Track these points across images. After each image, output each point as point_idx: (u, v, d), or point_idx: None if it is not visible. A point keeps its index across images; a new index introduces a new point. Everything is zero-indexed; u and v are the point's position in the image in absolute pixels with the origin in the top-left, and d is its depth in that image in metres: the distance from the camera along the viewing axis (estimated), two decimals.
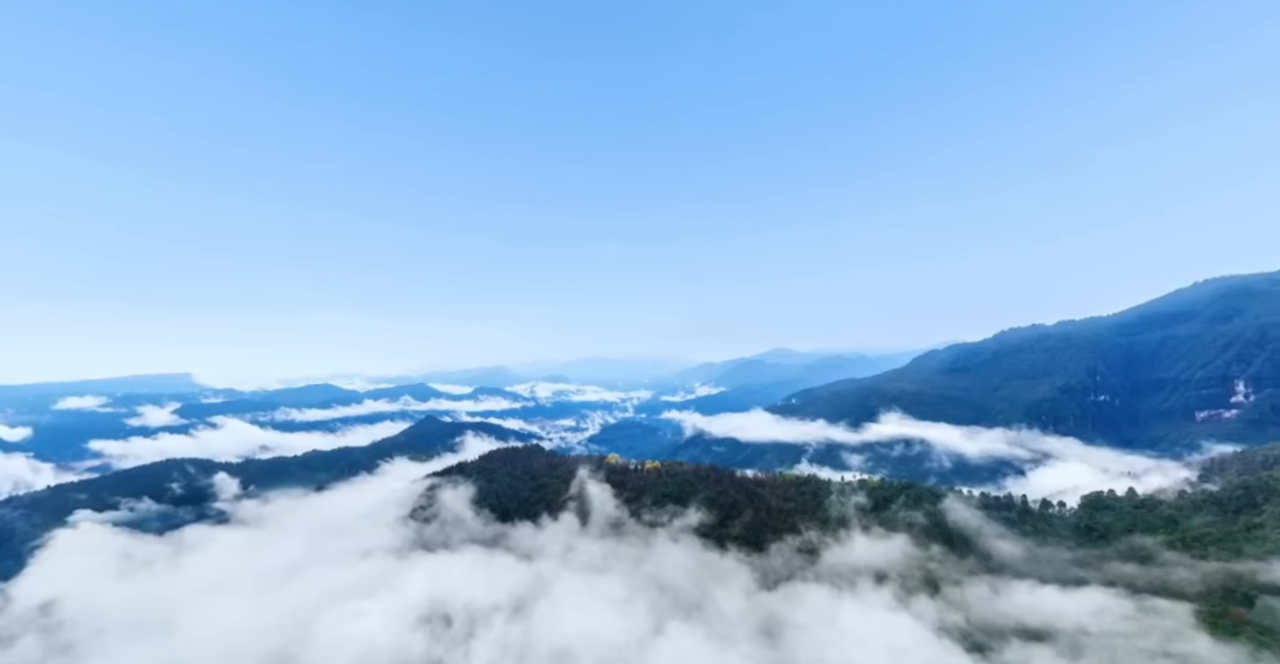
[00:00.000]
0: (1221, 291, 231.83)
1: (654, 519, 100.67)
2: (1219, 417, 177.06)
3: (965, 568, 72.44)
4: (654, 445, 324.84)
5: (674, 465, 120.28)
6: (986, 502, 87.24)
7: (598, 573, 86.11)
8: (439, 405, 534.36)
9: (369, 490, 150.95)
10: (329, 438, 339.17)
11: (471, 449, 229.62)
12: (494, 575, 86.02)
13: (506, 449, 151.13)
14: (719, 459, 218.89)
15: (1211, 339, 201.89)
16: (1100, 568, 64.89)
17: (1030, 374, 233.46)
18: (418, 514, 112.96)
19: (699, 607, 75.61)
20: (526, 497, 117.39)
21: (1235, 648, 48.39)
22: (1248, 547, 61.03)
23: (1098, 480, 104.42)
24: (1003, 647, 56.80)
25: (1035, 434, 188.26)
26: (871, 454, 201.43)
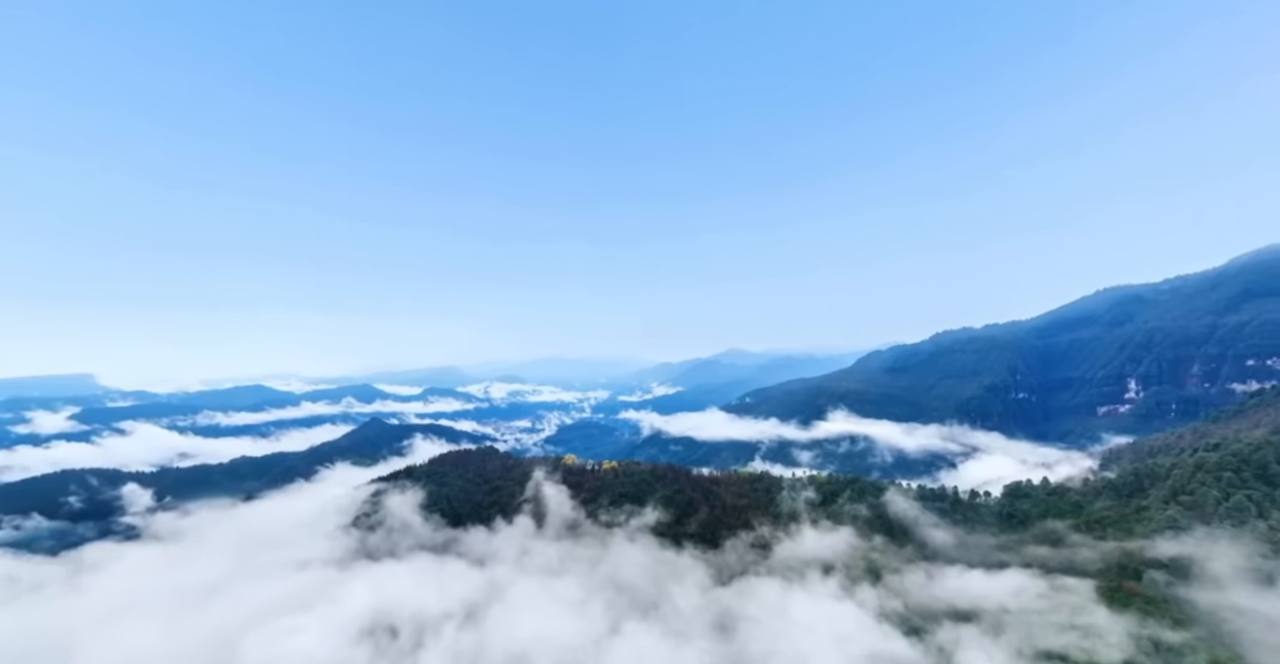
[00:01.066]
0: (1117, 299, 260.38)
1: (611, 519, 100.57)
2: (1115, 411, 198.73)
3: (904, 556, 77.22)
4: (611, 445, 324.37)
5: (631, 465, 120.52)
6: (923, 493, 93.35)
7: (554, 575, 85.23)
8: (385, 407, 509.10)
9: (306, 498, 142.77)
10: (260, 443, 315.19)
11: (421, 452, 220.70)
12: (444, 582, 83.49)
13: (458, 452, 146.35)
14: (676, 458, 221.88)
15: (1109, 342, 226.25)
16: (1019, 551, 71.19)
17: (961, 373, 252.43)
18: (361, 522, 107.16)
19: (655, 605, 76.19)
20: (479, 500, 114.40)
21: (1127, 618, 54.54)
22: (1137, 527, 68.87)
23: (1017, 471, 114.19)
24: (936, 629, 61.02)
25: (965, 429, 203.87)
26: (820, 451, 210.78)
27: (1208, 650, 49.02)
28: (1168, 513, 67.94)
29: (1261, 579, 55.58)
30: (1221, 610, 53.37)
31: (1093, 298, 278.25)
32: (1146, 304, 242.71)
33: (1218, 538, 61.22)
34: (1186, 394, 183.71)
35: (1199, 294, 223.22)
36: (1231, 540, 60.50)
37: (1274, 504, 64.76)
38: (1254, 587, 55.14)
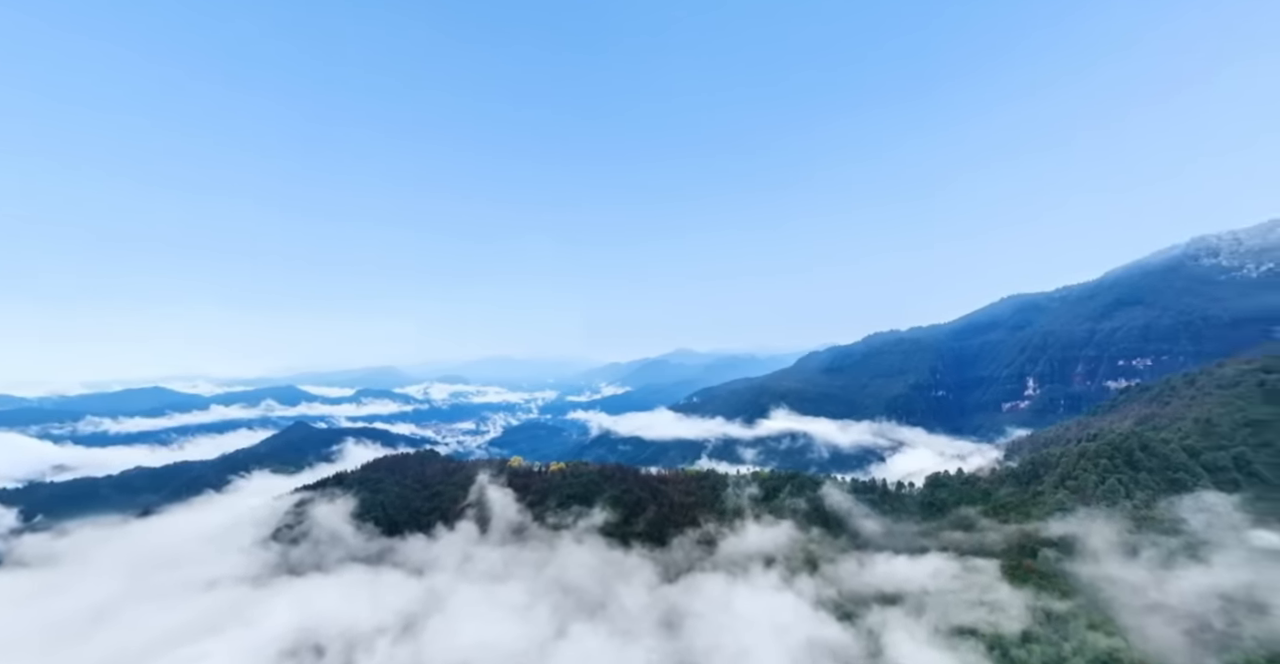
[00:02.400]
0: (1019, 306, 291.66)
1: (558, 521, 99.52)
2: (1017, 407, 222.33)
3: (839, 546, 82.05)
4: (559, 446, 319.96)
5: (579, 466, 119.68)
6: (856, 486, 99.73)
7: (498, 581, 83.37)
8: (313, 410, 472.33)
9: (217, 511, 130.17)
10: (160, 452, 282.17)
11: (353, 458, 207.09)
12: (378, 594, 79.24)
13: (395, 456, 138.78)
14: (625, 458, 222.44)
15: (1012, 344, 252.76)
16: (938, 537, 77.90)
17: (890, 373, 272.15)
18: (283, 534, 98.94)
19: (603, 605, 76.21)
20: (418, 507, 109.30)
21: (1025, 592, 61.19)
22: (1034, 510, 77.55)
23: (937, 463, 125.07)
24: (866, 613, 65.32)
25: (893, 425, 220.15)
26: (763, 448, 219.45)
27: (1087, 616, 55.97)
28: (1057, 497, 76.94)
29: (1128, 551, 64.30)
30: (1098, 580, 61.19)
31: (999, 304, 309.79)
32: (1042, 311, 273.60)
33: (1095, 517, 70.12)
34: (1073, 391, 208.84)
35: (1081, 302, 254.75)
36: (1106, 519, 69.50)
37: (1138, 486, 75.13)
38: (1122, 558, 63.69)
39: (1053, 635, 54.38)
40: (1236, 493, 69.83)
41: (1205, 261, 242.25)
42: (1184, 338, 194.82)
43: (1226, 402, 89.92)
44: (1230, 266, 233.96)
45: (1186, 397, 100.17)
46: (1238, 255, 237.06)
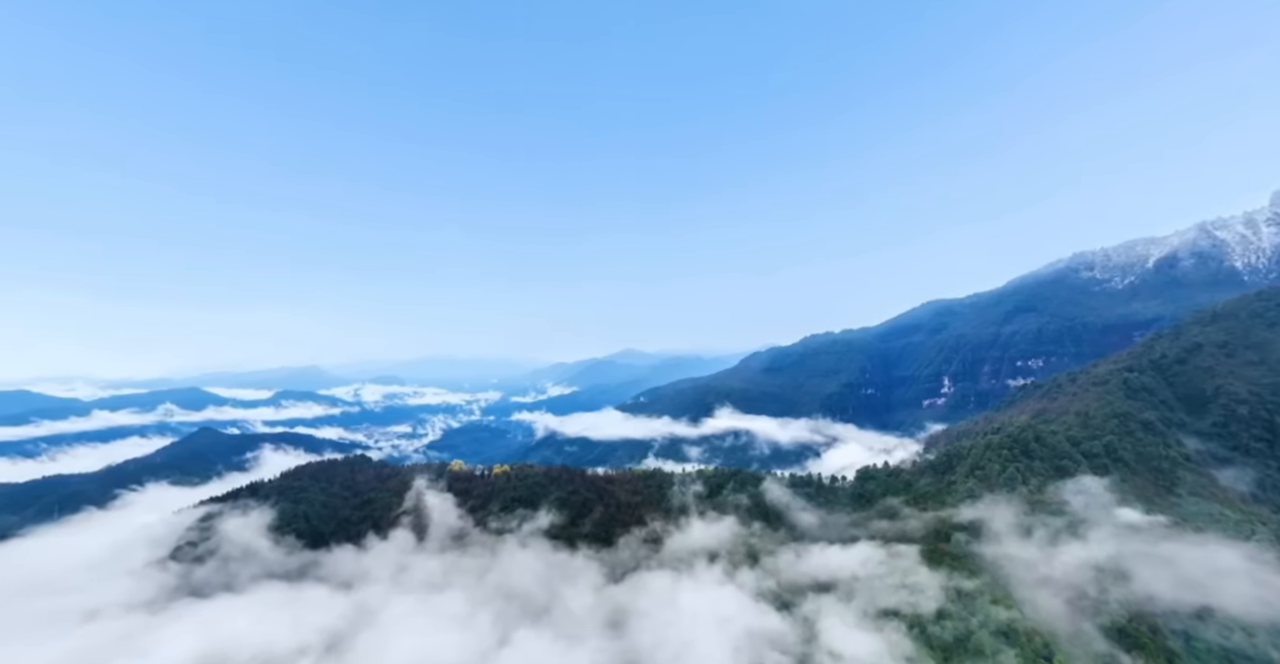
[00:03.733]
0: (936, 310, 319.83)
1: (502, 526, 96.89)
2: (935, 404, 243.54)
3: (778, 539, 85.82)
4: (503, 449, 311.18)
5: (524, 468, 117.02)
6: (794, 481, 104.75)
7: (435, 591, 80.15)
8: (222, 414, 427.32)
9: (99, 530, 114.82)
10: (24, 465, 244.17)
11: (270, 466, 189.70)
12: (300, 613, 73.56)
13: (320, 463, 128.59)
14: (571, 459, 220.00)
15: (931, 346, 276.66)
16: (866, 526, 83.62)
17: (825, 373, 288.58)
18: (184, 553, 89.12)
19: (547, 610, 75.29)
20: (347, 516, 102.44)
21: (940, 574, 67.17)
22: (948, 498, 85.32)
23: (867, 457, 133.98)
24: (802, 602, 68.88)
25: (828, 422, 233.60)
26: (708, 446, 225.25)
27: (990, 592, 62.37)
28: (967, 485, 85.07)
29: (1024, 532, 72.34)
30: (1000, 559, 68.34)
31: (920, 309, 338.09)
32: (956, 315, 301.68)
33: (998, 502, 78.25)
34: (981, 388, 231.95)
35: (988, 308, 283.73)
36: (1006, 504, 77.76)
37: (1033, 473, 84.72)
38: (1019, 538, 71.56)
39: (962, 612, 60.05)
40: (1107, 476, 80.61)
41: (1084, 274, 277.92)
42: (1068, 341, 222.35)
43: (1099, 397, 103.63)
44: (1103, 279, 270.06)
45: (1070, 393, 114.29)
46: (1108, 269, 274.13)
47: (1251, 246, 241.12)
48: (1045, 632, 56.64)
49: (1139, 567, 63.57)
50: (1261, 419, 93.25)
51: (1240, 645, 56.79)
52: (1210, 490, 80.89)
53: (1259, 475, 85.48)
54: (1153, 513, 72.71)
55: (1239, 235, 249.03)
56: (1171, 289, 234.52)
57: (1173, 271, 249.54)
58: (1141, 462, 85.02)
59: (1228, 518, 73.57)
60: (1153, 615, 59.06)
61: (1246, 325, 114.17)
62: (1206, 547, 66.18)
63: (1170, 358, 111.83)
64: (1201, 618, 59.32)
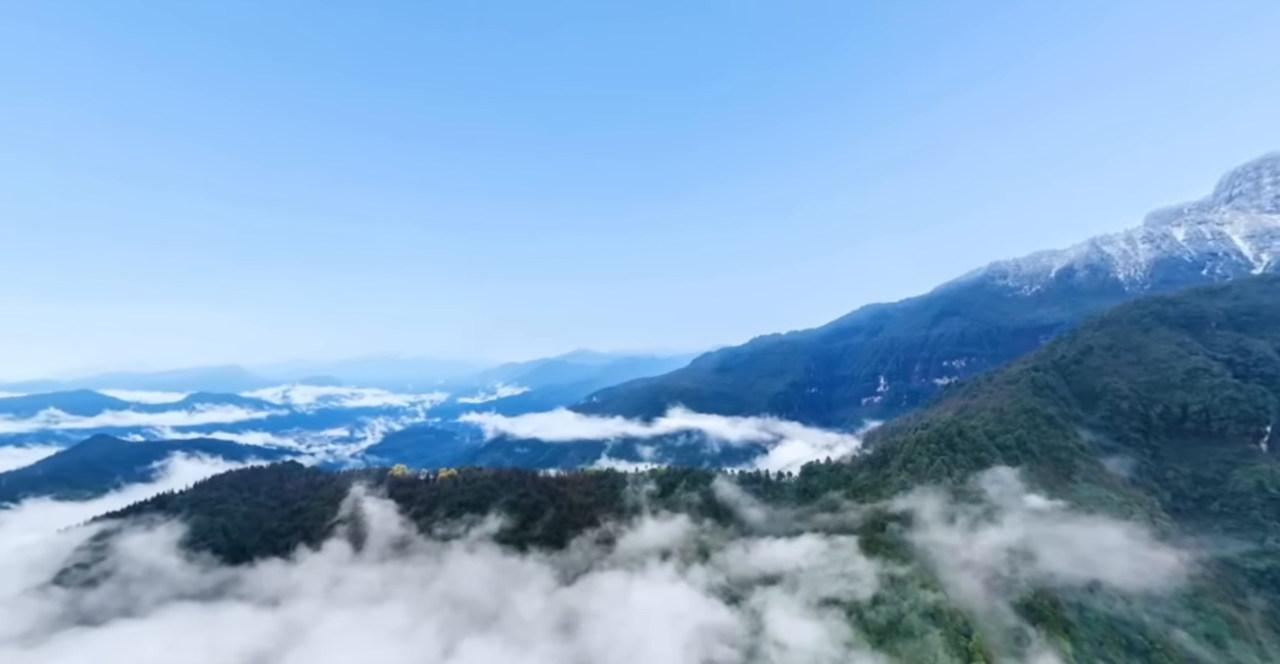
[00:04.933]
0: (874, 313, 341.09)
1: (448, 532, 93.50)
2: (872, 402, 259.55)
3: (728, 535, 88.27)
4: (450, 452, 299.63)
5: (472, 471, 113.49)
6: (743, 478, 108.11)
7: (374, 603, 76.28)
8: (122, 420, 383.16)
9: None
10: None
11: (182, 476, 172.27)
12: (216, 635, 67.80)
13: (242, 471, 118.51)
14: (522, 461, 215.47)
15: (869, 347, 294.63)
16: (810, 519, 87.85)
17: (773, 372, 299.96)
18: (72, 576, 79.56)
19: (497, 616, 73.77)
20: (274, 527, 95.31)
21: (875, 562, 71.75)
22: (883, 490, 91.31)
23: (811, 453, 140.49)
24: (750, 595, 71.30)
25: (775, 420, 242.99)
26: (660, 445, 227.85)
27: (919, 577, 67.34)
28: (900, 478, 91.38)
29: (948, 520, 78.73)
30: (928, 546, 73.97)
31: (859, 312, 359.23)
32: (890, 318, 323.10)
33: (927, 493, 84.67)
34: (913, 387, 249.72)
35: (918, 311, 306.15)
36: (934, 494, 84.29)
37: (956, 465, 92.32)
38: (944, 526, 77.80)
39: (895, 596, 64.47)
40: (1017, 466, 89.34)
41: (998, 282, 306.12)
42: (986, 343, 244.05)
43: (1011, 395, 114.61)
44: (1014, 287, 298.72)
45: (987, 391, 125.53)
46: (1018, 278, 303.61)
47: (1131, 260, 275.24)
48: (965, 611, 61.92)
49: (1043, 547, 71.02)
50: (1139, 413, 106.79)
51: (1121, 613, 64.85)
52: (1099, 476, 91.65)
53: (1137, 462, 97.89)
54: (1054, 498, 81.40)
55: (1121, 250, 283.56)
56: (1070, 297, 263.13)
57: (1070, 281, 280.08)
58: (1045, 452, 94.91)
59: (1112, 500, 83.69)
60: (1053, 590, 66.14)
61: (1127, 330, 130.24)
62: (1096, 527, 75.00)
63: (1068, 359, 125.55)
64: (1091, 590, 67.17)
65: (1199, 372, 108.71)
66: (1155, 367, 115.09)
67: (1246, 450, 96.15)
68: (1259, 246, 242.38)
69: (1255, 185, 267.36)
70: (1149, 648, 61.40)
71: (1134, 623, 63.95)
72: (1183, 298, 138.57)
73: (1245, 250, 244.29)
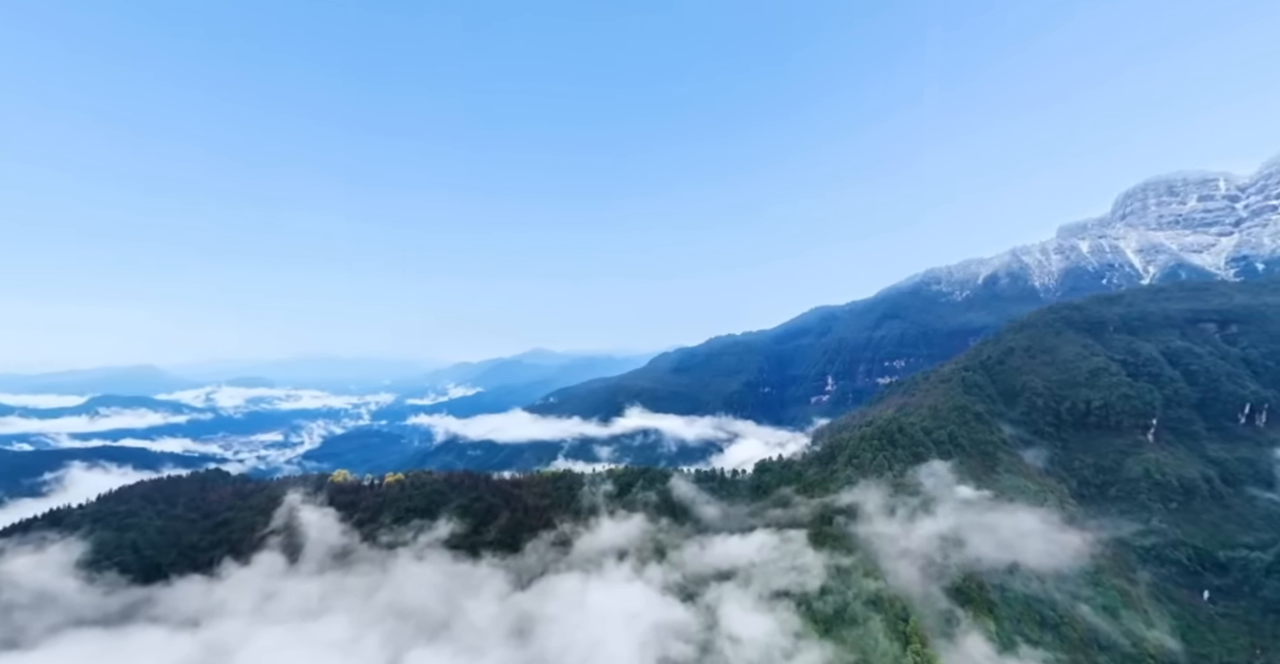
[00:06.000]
0: (822, 315, 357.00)
1: (394, 539, 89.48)
2: (821, 401, 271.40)
3: (684, 533, 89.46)
4: (397, 455, 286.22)
5: (421, 475, 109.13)
6: (699, 476, 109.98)
7: (312, 618, 72.06)
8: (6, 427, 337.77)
9: None
10: None
11: (82, 488, 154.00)
12: (124, 662, 61.01)
13: (156, 481, 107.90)
14: (475, 464, 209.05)
15: (818, 348, 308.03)
16: (763, 515, 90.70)
17: (728, 372, 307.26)
18: None
19: (447, 625, 71.42)
20: (194, 542, 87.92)
21: (823, 554, 75.10)
22: (831, 485, 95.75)
23: (764, 451, 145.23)
24: (705, 591, 72.65)
25: (730, 419, 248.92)
26: (618, 445, 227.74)
27: (863, 567, 71.10)
28: (846, 473, 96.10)
29: (889, 512, 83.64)
30: (870, 537, 78.26)
31: (808, 314, 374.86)
32: (838, 320, 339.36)
33: (870, 487, 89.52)
34: (858, 386, 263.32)
35: (863, 313, 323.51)
36: (876, 488, 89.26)
37: (896, 460, 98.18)
38: (885, 517, 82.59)
39: (840, 586, 67.73)
40: (950, 460, 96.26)
41: (933, 287, 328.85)
42: (923, 344, 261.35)
43: (944, 393, 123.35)
44: (947, 292, 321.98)
45: (924, 389, 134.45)
46: (951, 284, 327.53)
47: (1045, 269, 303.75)
48: (903, 597, 66.01)
49: (971, 534, 76.92)
50: (1051, 409, 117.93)
51: (1036, 591, 71.38)
52: (1019, 467, 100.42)
53: (1050, 453, 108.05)
54: (981, 489, 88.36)
55: (1037, 260, 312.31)
56: (994, 302, 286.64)
57: (995, 287, 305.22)
58: (974, 446, 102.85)
59: (1030, 489, 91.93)
60: (980, 574, 71.80)
61: (1042, 333, 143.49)
62: (1015, 514, 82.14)
63: (993, 360, 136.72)
64: (1011, 572, 73.50)
65: (1100, 371, 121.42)
66: (1064, 366, 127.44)
67: (1137, 441, 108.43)
68: (1146, 260, 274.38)
69: (1143, 205, 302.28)
70: (1059, 622, 67.96)
71: (1046, 600, 70.55)
72: (1087, 304, 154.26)
73: (1136, 263, 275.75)
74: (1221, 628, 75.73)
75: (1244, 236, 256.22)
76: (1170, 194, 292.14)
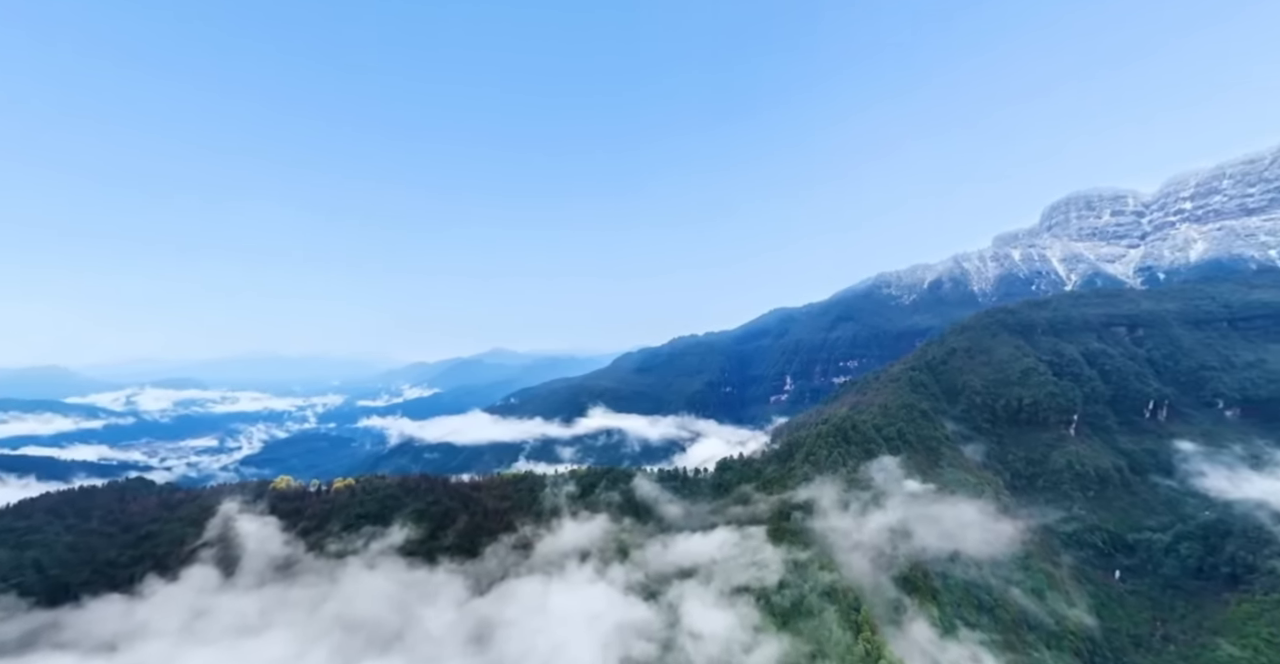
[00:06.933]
0: (781, 317, 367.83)
1: (344, 547, 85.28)
2: (779, 400, 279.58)
3: (647, 532, 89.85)
4: (347, 460, 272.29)
5: (373, 480, 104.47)
6: (662, 476, 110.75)
7: (250, 634, 67.62)
8: None
9: None
10: None
11: None
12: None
13: (66, 493, 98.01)
14: (432, 467, 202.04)
15: (777, 349, 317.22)
16: (725, 513, 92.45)
17: (690, 372, 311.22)
18: None
19: (400, 635, 68.75)
20: (112, 558, 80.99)
21: (782, 549, 77.39)
22: (789, 482, 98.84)
23: (725, 449, 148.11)
24: (668, 589, 73.21)
25: (692, 418, 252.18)
26: (581, 446, 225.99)
27: (819, 560, 73.80)
28: (804, 469, 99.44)
29: (843, 506, 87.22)
30: (826, 531, 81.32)
31: (768, 315, 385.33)
32: (795, 321, 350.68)
33: (826, 483, 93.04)
34: (814, 385, 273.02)
35: (819, 315, 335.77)
36: (831, 483, 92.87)
37: (850, 456, 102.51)
38: (840, 512, 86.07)
39: (797, 580, 69.99)
40: (899, 455, 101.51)
41: (884, 291, 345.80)
42: (874, 345, 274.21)
43: (894, 391, 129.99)
44: (896, 295, 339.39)
45: (875, 388, 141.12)
46: (900, 288, 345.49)
47: (983, 275, 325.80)
48: (855, 587, 68.97)
49: (917, 526, 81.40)
50: (988, 406, 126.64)
51: (974, 577, 76.42)
52: (960, 461, 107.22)
53: (987, 448, 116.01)
54: (926, 482, 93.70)
55: (976, 267, 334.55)
56: (938, 306, 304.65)
57: (939, 292, 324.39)
58: (920, 442, 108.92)
59: (969, 482, 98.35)
60: (924, 563, 76.11)
61: (980, 336, 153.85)
62: (957, 506, 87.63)
63: (937, 360, 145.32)
64: (953, 560, 78.35)
65: (1030, 371, 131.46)
66: (999, 367, 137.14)
67: (1061, 435, 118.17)
68: (1069, 268, 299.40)
69: (1066, 218, 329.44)
70: (994, 605, 73.06)
71: (983, 585, 75.68)
72: (1019, 309, 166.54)
73: (1060, 271, 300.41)
74: (1129, 604, 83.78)
75: (1148, 249, 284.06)
76: (1088, 208, 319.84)
